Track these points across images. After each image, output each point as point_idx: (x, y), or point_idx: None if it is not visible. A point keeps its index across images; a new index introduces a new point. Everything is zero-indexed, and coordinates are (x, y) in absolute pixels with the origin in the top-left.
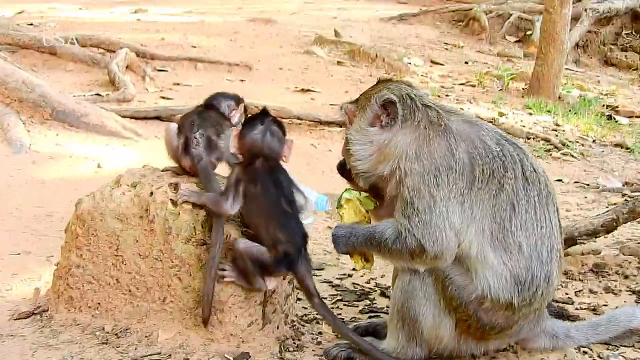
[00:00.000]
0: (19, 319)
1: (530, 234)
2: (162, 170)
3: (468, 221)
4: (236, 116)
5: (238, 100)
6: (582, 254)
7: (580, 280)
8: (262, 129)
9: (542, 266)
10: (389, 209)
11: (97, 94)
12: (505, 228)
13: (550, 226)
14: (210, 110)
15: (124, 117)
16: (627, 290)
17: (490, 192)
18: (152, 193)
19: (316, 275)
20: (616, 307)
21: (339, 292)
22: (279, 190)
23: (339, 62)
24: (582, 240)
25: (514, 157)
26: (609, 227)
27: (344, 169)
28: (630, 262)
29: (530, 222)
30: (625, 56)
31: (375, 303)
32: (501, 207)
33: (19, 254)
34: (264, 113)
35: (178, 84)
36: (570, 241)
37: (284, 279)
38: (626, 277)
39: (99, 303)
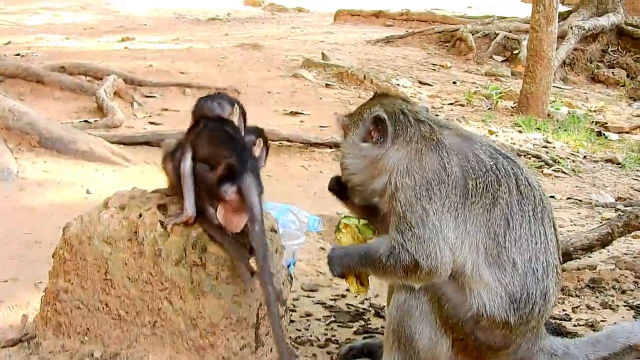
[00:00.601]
0: (5, 346)
1: (524, 250)
2: (151, 192)
3: (462, 236)
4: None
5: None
6: (578, 269)
7: (577, 296)
8: (207, 98)
9: (537, 283)
10: (385, 229)
11: (86, 121)
12: (499, 244)
13: (546, 241)
14: None
15: (112, 142)
16: (625, 306)
17: (484, 206)
18: (140, 215)
19: (309, 297)
20: (614, 323)
21: (332, 313)
22: (221, 123)
23: (327, 85)
24: (577, 255)
25: (507, 171)
26: (604, 241)
27: (335, 188)
28: (626, 277)
29: (524, 238)
30: (613, 73)
31: (370, 324)
32: (495, 222)
33: (6, 281)
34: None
35: (166, 110)
36: (565, 256)
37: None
38: (623, 292)
39: (87, 328)
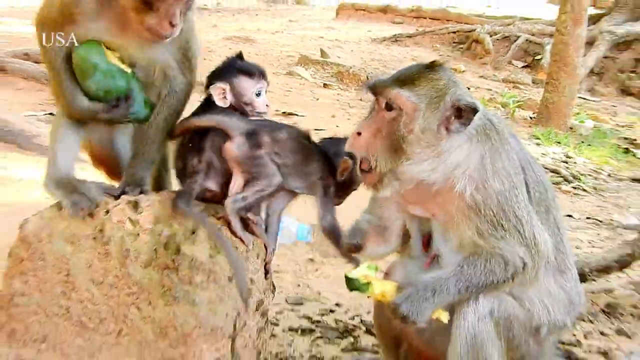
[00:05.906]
0: None
1: (571, 255)
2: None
3: None
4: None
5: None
6: (593, 292)
7: (590, 321)
8: None
9: (580, 287)
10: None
11: (51, 114)
12: (559, 250)
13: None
14: None
15: None
16: None
17: (540, 214)
18: (107, 211)
19: (294, 311)
20: (630, 353)
21: (319, 329)
22: None
23: (325, 85)
24: (593, 277)
25: (548, 182)
26: (623, 263)
27: None
28: None
29: (568, 246)
30: None
31: (360, 341)
32: (552, 230)
33: None
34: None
35: None
36: (580, 277)
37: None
38: None
39: (45, 336)
